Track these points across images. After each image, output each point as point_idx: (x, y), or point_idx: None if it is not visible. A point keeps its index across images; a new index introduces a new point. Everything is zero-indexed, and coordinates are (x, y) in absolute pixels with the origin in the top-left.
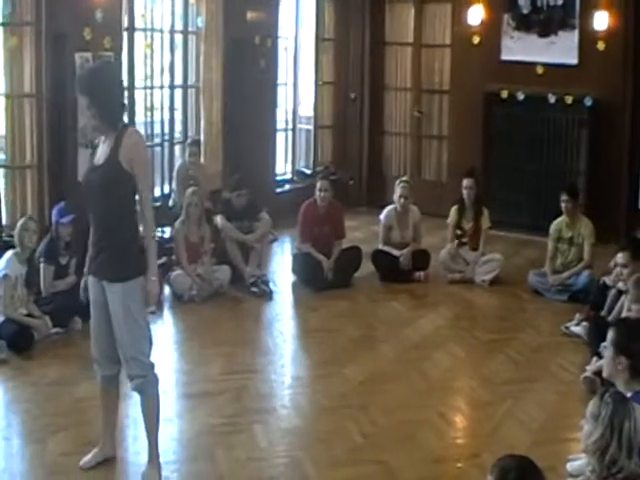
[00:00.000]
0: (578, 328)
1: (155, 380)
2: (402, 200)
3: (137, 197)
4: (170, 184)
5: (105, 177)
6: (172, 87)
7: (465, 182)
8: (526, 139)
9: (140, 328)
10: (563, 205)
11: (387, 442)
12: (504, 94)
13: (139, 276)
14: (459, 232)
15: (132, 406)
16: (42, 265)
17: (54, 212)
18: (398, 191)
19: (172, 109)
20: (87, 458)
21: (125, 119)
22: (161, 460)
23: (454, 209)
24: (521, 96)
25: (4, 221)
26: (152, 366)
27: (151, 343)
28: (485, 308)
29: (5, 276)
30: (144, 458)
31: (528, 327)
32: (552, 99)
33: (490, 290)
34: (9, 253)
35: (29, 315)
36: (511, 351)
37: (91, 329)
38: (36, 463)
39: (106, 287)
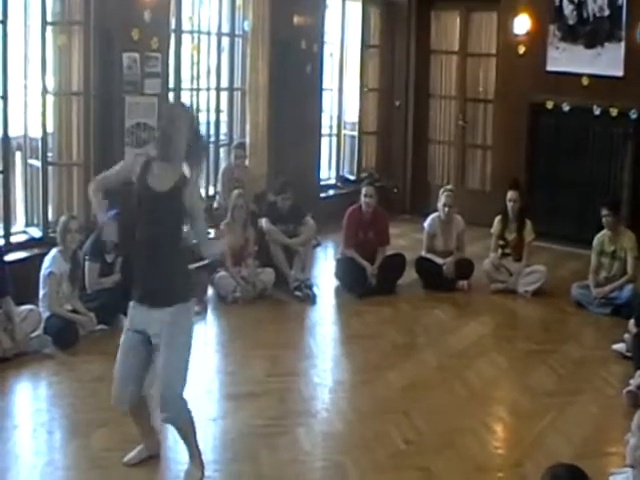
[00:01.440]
0: (619, 345)
1: (186, 411)
2: (446, 209)
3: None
4: (215, 186)
5: (169, 206)
6: (218, 89)
7: (509, 195)
8: (571, 150)
9: (184, 356)
10: (604, 219)
11: (429, 449)
12: (549, 105)
13: (190, 298)
14: (502, 243)
15: None
16: (88, 263)
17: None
18: (442, 200)
19: (218, 111)
20: (132, 454)
21: None
22: (203, 459)
23: (497, 220)
24: (566, 107)
25: (50, 218)
26: (185, 403)
27: (185, 381)
28: (528, 319)
29: (51, 273)
30: (186, 457)
31: (571, 339)
32: (597, 111)
33: (533, 301)
34: (54, 251)
35: (74, 311)
36: (554, 363)
37: (119, 357)
38: (79, 457)
39: (156, 312)
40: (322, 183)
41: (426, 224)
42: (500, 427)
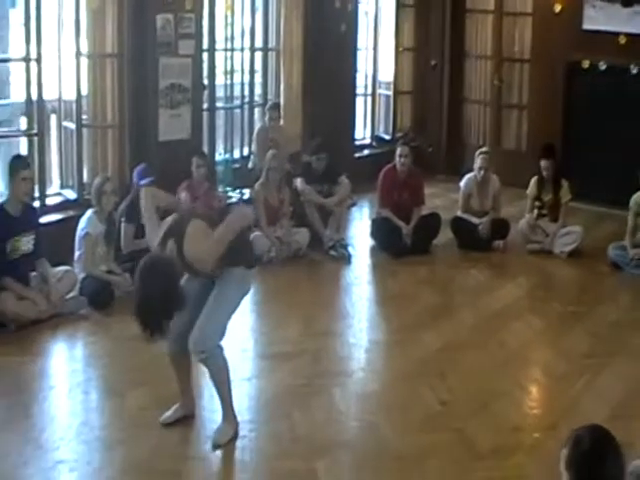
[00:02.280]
0: None
1: (219, 354)
2: (482, 172)
3: None
4: (250, 146)
5: None
6: (252, 50)
7: (542, 163)
8: (607, 110)
9: (225, 311)
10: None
11: (464, 410)
12: (585, 64)
13: (249, 267)
14: (538, 204)
15: None
16: (123, 224)
17: (135, 174)
18: (478, 162)
19: (252, 72)
20: (168, 414)
21: None
22: (238, 418)
23: (534, 181)
24: (603, 66)
25: (85, 179)
26: (220, 350)
27: (223, 334)
28: (564, 280)
29: (86, 234)
30: (220, 416)
31: (607, 301)
32: (634, 70)
33: (569, 262)
34: (89, 212)
35: (110, 272)
36: (589, 324)
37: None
38: (115, 417)
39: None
40: (357, 143)
41: (462, 184)
42: (535, 389)
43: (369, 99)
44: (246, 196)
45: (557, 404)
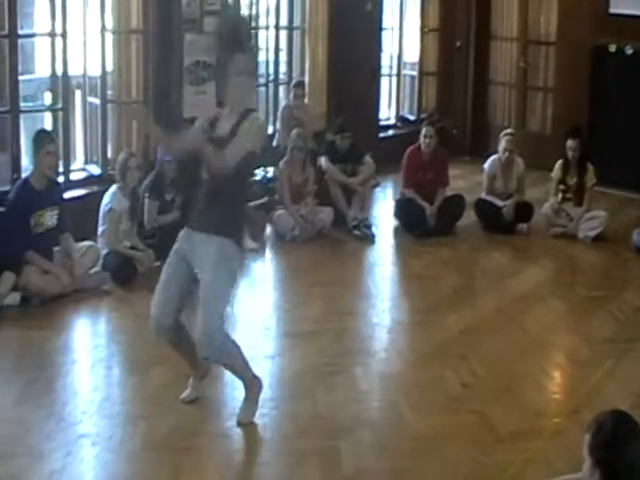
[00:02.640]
0: None
1: (229, 345)
2: (507, 153)
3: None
4: (274, 124)
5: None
6: (277, 28)
7: (569, 143)
8: (634, 95)
9: (225, 291)
10: None
11: (486, 393)
12: (612, 48)
13: (239, 244)
14: (563, 187)
15: None
16: (147, 200)
17: (159, 149)
18: (502, 144)
19: (277, 50)
20: (187, 392)
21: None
22: (260, 397)
23: (559, 164)
24: (629, 50)
25: (109, 155)
26: (224, 338)
27: (222, 318)
28: (587, 264)
29: (110, 210)
30: (242, 392)
31: (631, 286)
32: None
33: (593, 247)
34: (113, 187)
35: (133, 248)
36: (613, 309)
37: (162, 279)
38: (137, 393)
39: (204, 240)
40: (381, 123)
41: (486, 165)
42: (558, 373)
43: (394, 79)
44: (270, 174)
45: (579, 389)
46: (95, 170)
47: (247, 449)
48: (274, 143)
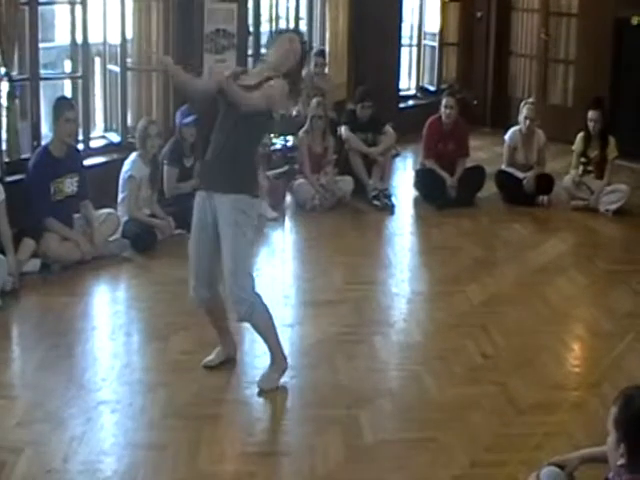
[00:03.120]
0: None
1: (261, 305)
2: (527, 122)
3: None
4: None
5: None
6: None
7: (590, 114)
8: None
9: (248, 248)
10: None
11: (506, 364)
12: (635, 20)
13: (254, 195)
14: (584, 160)
15: None
16: (166, 167)
17: (177, 114)
18: (524, 112)
19: (297, 19)
20: (210, 357)
21: None
22: (286, 364)
23: (580, 137)
24: None
25: (129, 123)
26: (256, 298)
27: (252, 276)
28: (608, 238)
29: (130, 177)
30: (264, 361)
31: None
32: None
33: (614, 220)
34: (133, 155)
35: (152, 215)
36: (634, 283)
37: (190, 251)
38: (157, 360)
39: (217, 200)
40: (402, 93)
41: (507, 137)
42: (578, 346)
43: (414, 50)
44: (290, 143)
45: (600, 362)
46: (115, 138)
47: (267, 417)
48: (294, 112)
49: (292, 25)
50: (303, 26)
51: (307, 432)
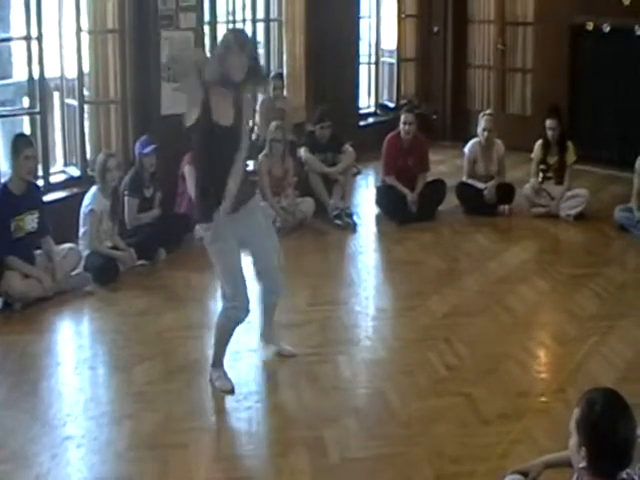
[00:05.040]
0: None
1: None
2: (486, 133)
3: None
4: (253, 117)
5: (236, 137)
6: (254, 21)
7: (548, 123)
8: (612, 72)
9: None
10: None
11: (471, 375)
12: (589, 26)
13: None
14: (543, 167)
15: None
16: (127, 198)
17: (137, 145)
18: (482, 124)
19: (255, 43)
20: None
21: None
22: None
23: (538, 144)
24: (607, 28)
25: (89, 156)
26: None
27: None
28: (570, 243)
29: (91, 211)
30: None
31: (614, 263)
32: (639, 31)
33: (575, 225)
34: (93, 188)
35: (114, 248)
36: (596, 287)
37: (233, 275)
38: (122, 392)
39: (242, 212)
40: (361, 111)
41: (466, 149)
42: (542, 352)
43: (372, 67)
44: (250, 167)
45: (564, 367)
46: (74, 172)
47: (233, 442)
48: (253, 137)
49: None
50: (261, 49)
51: (273, 454)
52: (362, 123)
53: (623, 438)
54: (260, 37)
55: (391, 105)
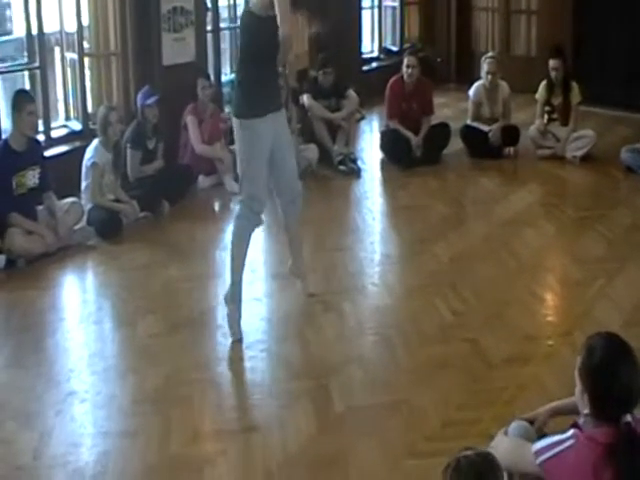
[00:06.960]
0: None
1: None
2: (490, 76)
3: None
4: None
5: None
6: None
7: (551, 63)
8: (618, 13)
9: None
10: None
11: (477, 320)
12: None
13: None
14: (548, 108)
15: None
16: (129, 151)
17: (139, 96)
18: (485, 67)
19: None
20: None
21: None
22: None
23: (542, 85)
24: None
25: (90, 109)
26: None
27: None
28: (576, 185)
29: (93, 164)
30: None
31: (620, 205)
32: None
33: (581, 167)
34: (95, 141)
35: (117, 200)
36: (603, 229)
37: (259, 172)
38: (126, 346)
39: (279, 116)
40: (365, 56)
41: (471, 92)
42: (549, 296)
43: (376, 11)
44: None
45: (571, 311)
46: (76, 126)
47: (238, 394)
48: None
49: None
50: None
51: (278, 406)
52: (365, 68)
53: (625, 383)
54: None
55: (395, 49)
